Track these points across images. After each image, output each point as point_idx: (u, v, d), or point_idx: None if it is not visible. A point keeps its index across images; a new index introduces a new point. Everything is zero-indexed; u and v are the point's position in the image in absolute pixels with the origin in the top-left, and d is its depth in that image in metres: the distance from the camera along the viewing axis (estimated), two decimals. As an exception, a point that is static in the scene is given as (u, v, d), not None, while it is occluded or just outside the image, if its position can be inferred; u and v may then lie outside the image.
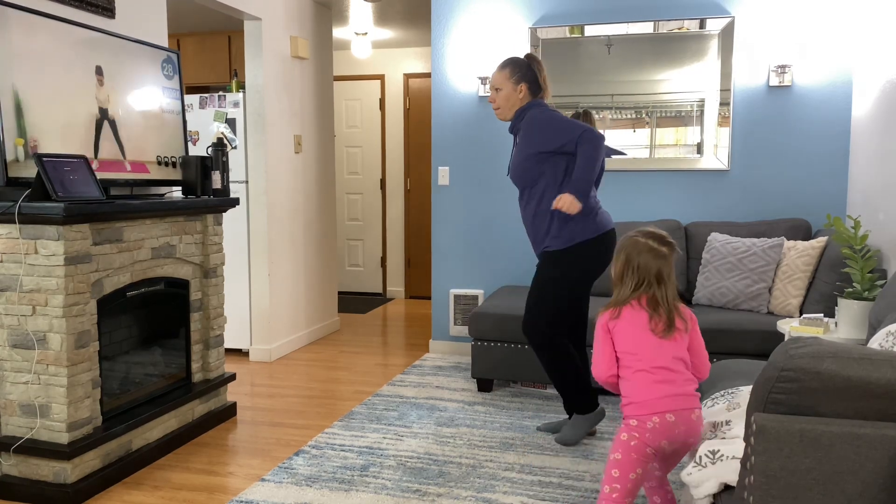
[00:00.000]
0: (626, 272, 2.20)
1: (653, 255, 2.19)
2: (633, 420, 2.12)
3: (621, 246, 2.24)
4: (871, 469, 1.33)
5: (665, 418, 2.09)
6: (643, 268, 2.18)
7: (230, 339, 4.87)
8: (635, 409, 2.13)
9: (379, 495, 2.79)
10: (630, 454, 2.11)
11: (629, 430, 2.13)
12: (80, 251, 2.74)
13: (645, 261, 2.18)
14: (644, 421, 2.10)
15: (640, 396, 2.13)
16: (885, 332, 2.10)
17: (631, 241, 2.23)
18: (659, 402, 2.10)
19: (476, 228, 4.91)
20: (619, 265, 2.22)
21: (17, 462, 2.76)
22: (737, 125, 4.44)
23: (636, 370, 2.15)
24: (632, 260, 2.20)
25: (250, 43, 4.73)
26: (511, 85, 3.17)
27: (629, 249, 2.21)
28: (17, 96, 2.69)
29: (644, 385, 2.13)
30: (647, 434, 2.10)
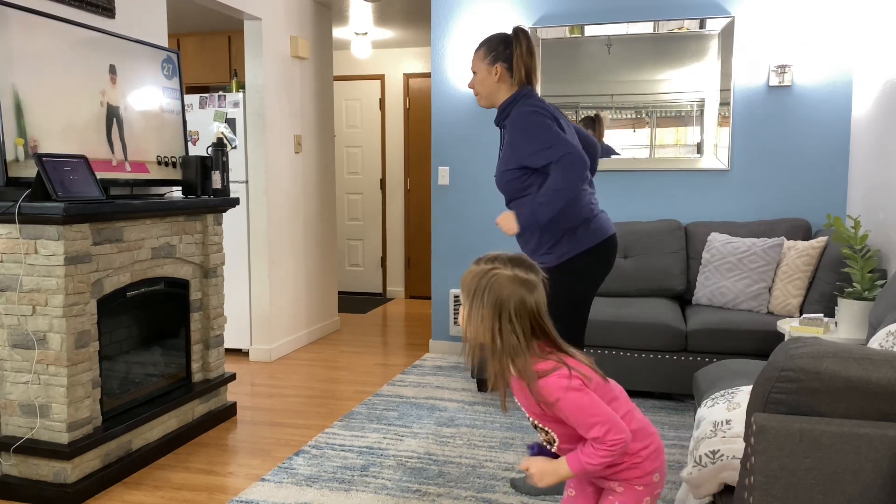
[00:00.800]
0: (498, 321, 1.58)
1: (526, 288, 1.60)
2: (655, 475, 1.64)
3: (481, 286, 1.60)
4: (871, 469, 1.33)
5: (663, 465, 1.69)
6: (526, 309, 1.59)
7: (230, 338, 4.87)
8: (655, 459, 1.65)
9: (379, 495, 2.79)
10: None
11: (652, 488, 1.65)
12: (80, 251, 2.73)
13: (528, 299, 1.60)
14: (651, 475, 1.64)
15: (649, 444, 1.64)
16: (886, 332, 2.10)
17: (487, 276, 1.60)
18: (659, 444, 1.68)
19: (476, 228, 4.91)
20: (491, 316, 1.59)
21: (17, 462, 2.76)
22: (737, 125, 4.44)
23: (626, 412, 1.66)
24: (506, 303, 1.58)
25: (250, 43, 4.73)
26: (485, 66, 2.77)
27: (497, 291, 1.58)
28: (17, 96, 2.69)
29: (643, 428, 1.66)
30: (657, 489, 1.67)
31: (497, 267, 1.61)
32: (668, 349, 3.77)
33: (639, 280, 4.30)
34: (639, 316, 3.85)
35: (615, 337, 3.82)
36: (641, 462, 1.62)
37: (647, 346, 3.80)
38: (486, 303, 1.58)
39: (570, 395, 1.55)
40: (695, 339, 3.74)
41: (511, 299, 1.57)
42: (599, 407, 1.55)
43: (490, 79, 2.78)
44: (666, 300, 4.23)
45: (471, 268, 1.66)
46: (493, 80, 2.78)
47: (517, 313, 1.58)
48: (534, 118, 2.65)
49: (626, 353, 3.85)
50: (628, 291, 4.32)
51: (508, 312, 1.57)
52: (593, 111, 4.63)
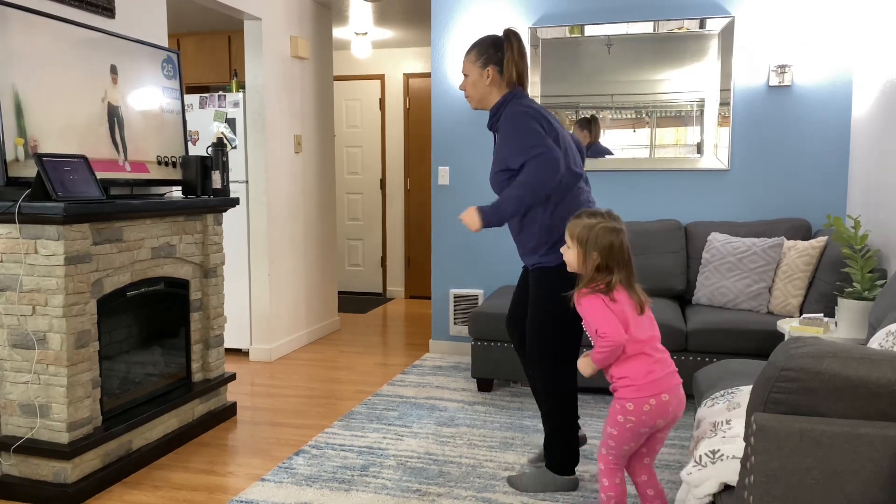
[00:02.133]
0: (607, 257, 2.23)
1: (616, 234, 2.25)
2: (629, 403, 2.17)
3: (588, 234, 2.25)
4: (871, 469, 1.33)
5: (661, 399, 2.16)
6: (617, 249, 2.23)
7: (230, 338, 4.87)
8: (633, 392, 2.17)
9: (379, 495, 2.79)
10: (625, 433, 2.20)
11: (625, 412, 2.18)
12: (80, 251, 2.74)
13: (617, 242, 2.24)
14: (640, 404, 2.16)
15: (639, 379, 2.17)
16: (885, 332, 2.10)
17: (593, 227, 2.26)
18: (655, 384, 2.16)
19: (476, 228, 4.90)
20: (597, 252, 2.23)
21: (17, 462, 2.76)
22: (737, 125, 4.44)
23: (635, 353, 2.19)
24: (608, 245, 2.23)
25: (250, 43, 4.73)
26: (477, 69, 2.78)
27: (599, 236, 2.24)
28: (17, 96, 2.69)
29: (643, 367, 2.18)
30: (644, 416, 2.17)
31: (601, 220, 2.27)
32: (669, 349, 3.74)
33: (639, 280, 4.29)
34: (639, 316, 3.84)
35: (615, 337, 3.82)
36: (618, 388, 2.22)
37: (647, 346, 3.79)
38: (599, 246, 2.23)
39: (590, 303, 2.23)
40: (695, 339, 3.74)
41: (616, 245, 2.24)
42: (604, 315, 2.19)
43: (481, 82, 2.79)
44: (666, 300, 4.23)
45: (577, 221, 2.31)
46: (484, 83, 2.79)
47: (619, 251, 2.24)
48: (521, 120, 2.67)
49: (626, 352, 3.84)
50: (628, 291, 4.31)
51: (612, 251, 2.23)
52: (593, 111, 4.63)
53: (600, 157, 4.65)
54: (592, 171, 4.66)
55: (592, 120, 4.66)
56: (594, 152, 4.67)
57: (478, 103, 2.86)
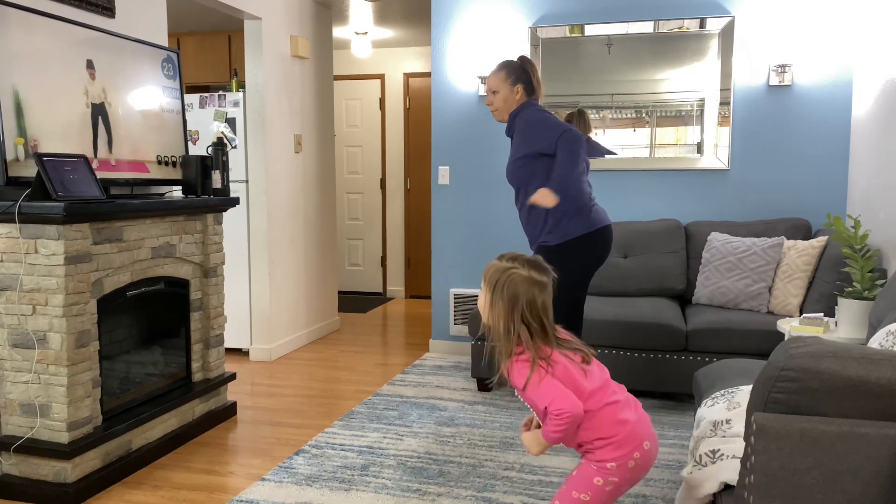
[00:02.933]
0: (513, 315, 1.86)
1: (535, 288, 1.88)
2: (610, 464, 1.84)
3: (499, 279, 1.89)
4: (872, 468, 1.33)
5: (643, 449, 1.86)
6: (530, 304, 1.87)
7: (230, 338, 4.87)
8: (613, 450, 1.84)
9: (379, 495, 2.79)
10: (601, 497, 1.87)
11: (605, 474, 1.85)
12: (81, 251, 2.74)
13: (531, 296, 1.87)
14: (625, 461, 1.84)
15: (616, 434, 1.85)
16: (886, 332, 2.10)
17: (507, 271, 1.89)
18: (634, 434, 1.86)
19: (476, 228, 4.91)
20: (505, 309, 1.87)
21: (18, 461, 2.76)
22: (737, 125, 4.44)
23: (598, 407, 1.85)
24: (520, 299, 1.86)
25: (250, 42, 4.73)
26: (508, 87, 3.23)
27: (512, 287, 1.87)
28: (17, 96, 2.69)
29: (614, 418, 1.85)
30: (629, 474, 1.86)
31: (516, 267, 1.90)
32: (669, 349, 3.77)
33: (639, 280, 4.30)
34: (639, 315, 3.85)
35: (615, 336, 3.82)
36: (595, 449, 1.87)
37: (647, 346, 3.80)
38: (505, 296, 1.87)
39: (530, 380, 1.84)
40: (695, 339, 3.74)
41: (524, 296, 1.86)
42: (550, 387, 1.82)
43: (512, 97, 3.23)
44: (666, 300, 4.22)
45: (493, 262, 1.95)
46: (514, 99, 3.23)
47: (529, 308, 1.86)
48: (537, 113, 3.19)
49: (627, 352, 3.85)
50: (628, 291, 4.32)
51: (521, 307, 1.86)
52: (582, 107, 4.62)
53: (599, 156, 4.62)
54: (591, 171, 4.65)
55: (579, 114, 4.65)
56: (588, 151, 4.64)
57: (503, 115, 3.27)
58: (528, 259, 1.94)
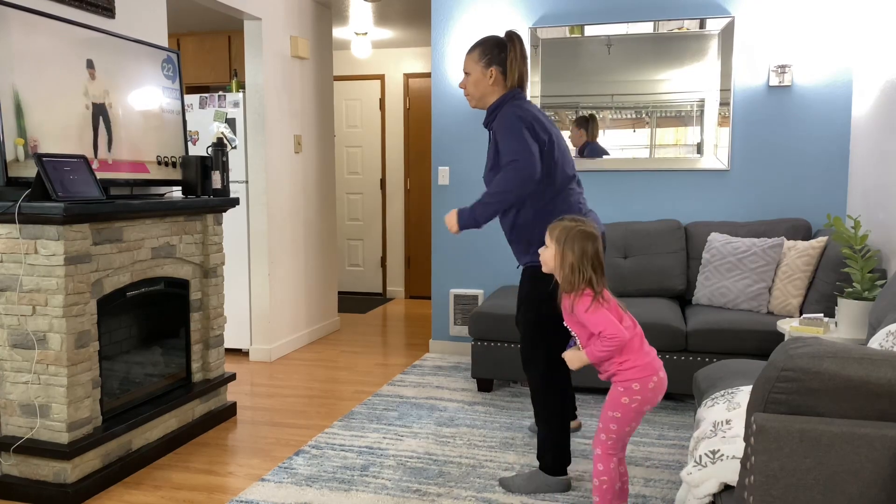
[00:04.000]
0: (581, 258, 2.32)
1: (592, 239, 2.35)
2: (635, 384, 2.29)
3: (566, 236, 2.34)
4: (872, 469, 1.33)
5: (660, 375, 2.32)
6: (591, 253, 2.33)
7: (230, 338, 4.87)
8: (637, 371, 2.28)
9: (379, 495, 2.79)
10: (629, 413, 2.31)
11: (631, 393, 2.29)
12: (80, 251, 2.74)
13: (592, 247, 2.34)
14: (646, 382, 2.29)
15: (641, 359, 2.30)
16: (885, 332, 2.10)
17: (571, 230, 2.35)
18: (653, 363, 2.31)
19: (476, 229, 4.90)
20: (572, 253, 2.32)
21: (18, 462, 2.76)
22: (737, 125, 4.44)
23: (632, 336, 2.31)
24: (583, 248, 2.33)
25: (250, 43, 4.73)
26: (480, 69, 2.81)
27: (576, 238, 2.33)
28: (17, 96, 2.69)
29: (641, 348, 2.32)
30: (649, 394, 2.30)
31: (579, 224, 2.36)
32: (668, 349, 3.77)
33: (639, 280, 4.30)
34: (639, 316, 3.84)
35: (615, 337, 3.82)
36: (624, 370, 2.31)
37: (647, 346, 3.79)
38: (575, 248, 2.32)
39: (591, 309, 2.30)
40: (695, 339, 3.74)
41: (589, 247, 2.33)
42: (607, 318, 2.28)
43: (484, 81, 2.82)
44: (666, 300, 4.22)
45: (557, 223, 2.41)
46: (487, 83, 2.82)
47: (589, 256, 2.33)
48: (513, 123, 2.70)
49: (626, 353, 3.84)
50: (628, 291, 4.31)
51: (588, 255, 2.32)
52: (592, 111, 4.63)
53: (597, 157, 4.65)
54: (591, 171, 4.66)
55: (591, 119, 4.66)
56: (591, 152, 4.66)
57: (477, 102, 2.89)
58: (584, 219, 2.41)
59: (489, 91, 2.83)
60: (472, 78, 2.84)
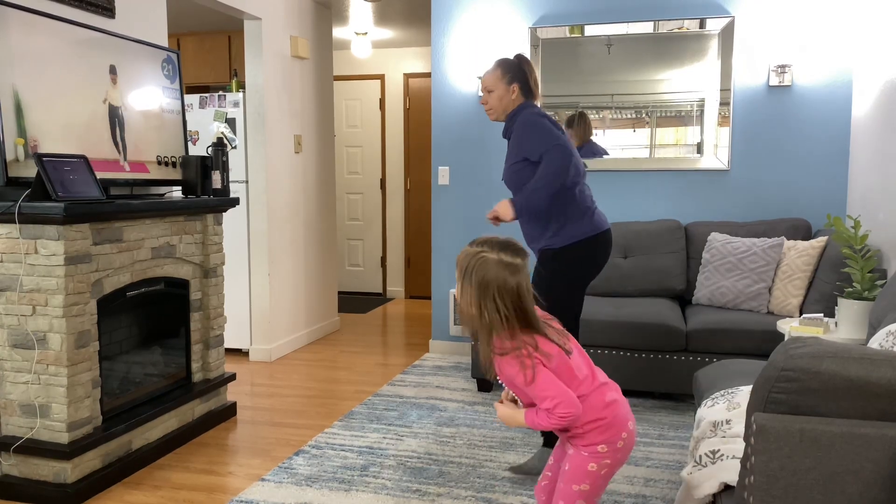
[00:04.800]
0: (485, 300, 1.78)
1: (507, 271, 1.79)
2: (601, 446, 1.84)
3: (468, 263, 1.82)
4: (872, 469, 1.33)
5: (629, 428, 1.88)
6: (502, 287, 1.78)
7: (230, 338, 4.87)
8: (603, 431, 1.84)
9: (379, 495, 2.79)
10: (598, 482, 1.87)
11: (598, 458, 1.85)
12: (80, 251, 2.74)
13: (502, 279, 1.79)
14: (614, 442, 1.85)
15: (607, 415, 1.85)
16: (886, 332, 2.10)
17: (475, 256, 1.81)
18: (619, 411, 1.87)
19: (476, 228, 4.91)
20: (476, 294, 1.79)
21: (18, 462, 2.76)
22: (737, 125, 4.44)
23: (593, 389, 1.86)
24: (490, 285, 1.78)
25: (250, 43, 4.73)
26: (503, 86, 3.10)
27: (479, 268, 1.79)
28: (17, 96, 2.69)
29: (602, 400, 1.86)
30: (619, 454, 1.87)
31: (485, 250, 1.82)
32: (669, 349, 3.77)
33: (639, 280, 4.30)
34: (639, 316, 3.85)
35: (615, 337, 3.82)
36: (586, 433, 1.84)
37: (647, 346, 3.80)
38: (474, 282, 1.79)
39: (526, 375, 1.76)
40: (695, 339, 3.74)
41: (495, 281, 1.78)
42: (552, 385, 1.77)
43: (507, 96, 3.10)
44: (666, 300, 4.22)
45: (465, 248, 1.87)
46: (510, 98, 3.10)
47: (499, 293, 1.78)
48: (536, 120, 3.01)
49: (627, 352, 3.85)
50: (628, 291, 4.31)
51: (492, 292, 1.78)
52: (582, 109, 4.62)
53: (597, 156, 4.63)
54: (591, 171, 4.66)
55: (579, 117, 4.62)
56: (587, 152, 4.63)
57: (499, 115, 3.15)
58: (500, 241, 1.84)
59: (511, 104, 3.11)
60: (497, 94, 3.11)
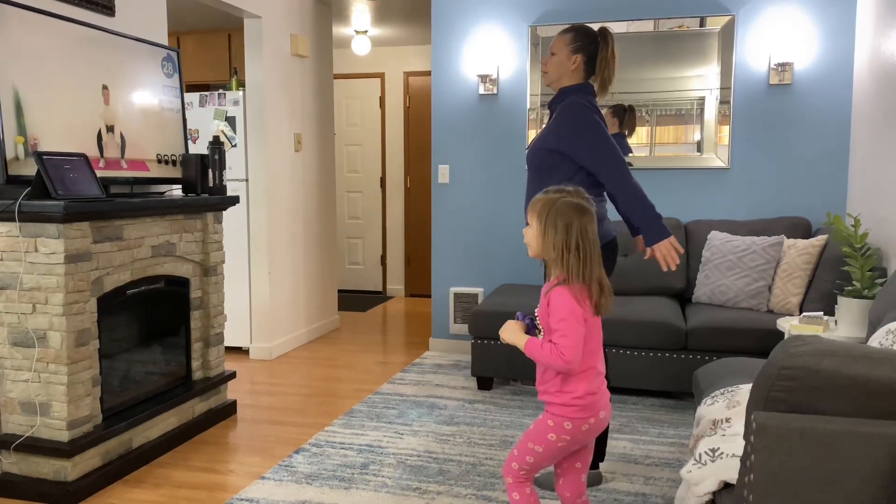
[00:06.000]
0: (566, 236, 1.90)
1: (580, 213, 1.92)
2: (567, 423, 1.95)
3: (549, 210, 1.93)
4: (871, 467, 1.33)
5: (599, 416, 1.97)
6: (579, 230, 1.90)
7: (230, 337, 4.87)
8: (577, 410, 1.94)
9: (379, 493, 2.79)
10: (552, 450, 1.99)
11: (560, 431, 1.95)
12: (81, 249, 2.74)
13: (580, 223, 1.91)
14: (580, 423, 1.95)
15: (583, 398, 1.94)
16: (885, 331, 2.11)
17: (555, 202, 1.93)
18: (596, 403, 1.96)
19: (476, 226, 4.91)
20: (555, 231, 1.91)
21: (18, 460, 2.77)
22: (737, 123, 4.44)
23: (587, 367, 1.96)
24: (568, 223, 1.90)
25: (250, 41, 4.73)
26: (566, 52, 2.82)
27: (560, 212, 1.91)
28: (17, 94, 2.69)
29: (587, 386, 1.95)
30: (581, 435, 1.98)
31: (564, 196, 1.95)
32: (668, 347, 3.77)
33: (639, 278, 4.30)
34: (639, 314, 3.85)
35: (615, 335, 3.82)
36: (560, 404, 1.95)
37: (647, 345, 3.80)
38: (559, 225, 1.91)
39: (564, 307, 1.90)
40: (695, 338, 3.74)
41: (577, 223, 1.91)
42: (576, 328, 1.89)
43: (566, 65, 2.83)
44: (666, 298, 4.23)
45: (540, 196, 1.99)
46: (568, 67, 2.83)
47: (581, 234, 1.91)
48: (586, 114, 2.77)
49: (626, 351, 3.85)
50: (628, 290, 4.31)
51: (575, 233, 1.90)
52: (630, 103, 4.55)
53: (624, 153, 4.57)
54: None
55: (629, 110, 4.58)
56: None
57: (553, 82, 2.89)
58: (573, 189, 1.99)
59: (567, 75, 2.84)
60: (557, 59, 2.84)
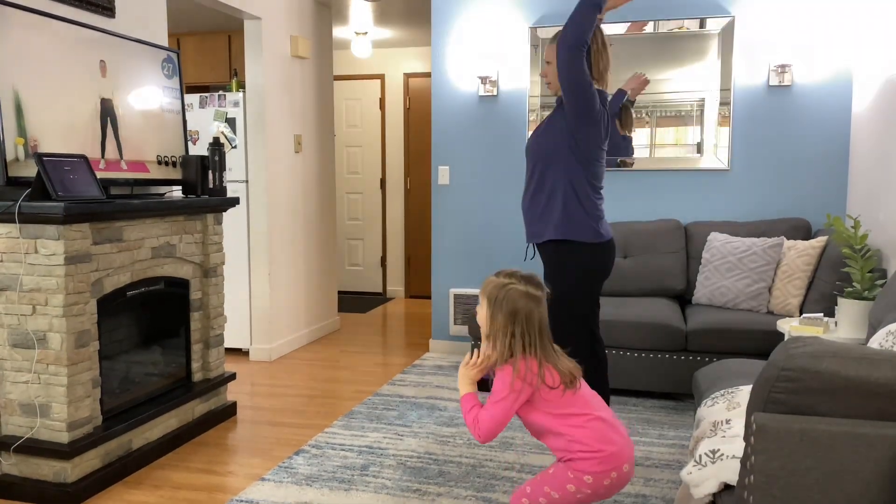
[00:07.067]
0: (514, 323, 1.94)
1: (530, 301, 1.95)
2: (587, 476, 1.91)
3: (498, 294, 1.97)
4: (871, 468, 1.33)
5: (622, 471, 1.93)
6: (525, 316, 1.94)
7: (230, 338, 4.86)
8: (594, 464, 1.91)
9: (379, 495, 2.79)
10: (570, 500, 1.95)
11: (580, 485, 1.92)
12: (80, 251, 2.74)
13: (527, 309, 1.94)
14: (601, 479, 1.92)
15: (600, 449, 1.92)
16: (885, 332, 2.11)
17: (505, 287, 1.98)
18: (618, 454, 1.92)
19: (476, 228, 4.91)
20: (503, 317, 1.95)
21: (18, 461, 2.76)
22: (737, 125, 4.44)
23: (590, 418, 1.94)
24: (521, 313, 1.94)
25: (250, 42, 4.73)
26: None
27: (509, 299, 1.95)
28: (17, 96, 2.69)
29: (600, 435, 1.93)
30: (602, 490, 1.93)
31: (513, 282, 1.98)
32: (668, 349, 3.77)
33: (639, 280, 4.30)
34: (639, 315, 3.85)
35: (615, 336, 3.82)
36: (577, 460, 1.93)
37: (647, 346, 3.80)
38: (504, 310, 1.95)
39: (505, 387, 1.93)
40: (695, 339, 3.74)
41: (523, 310, 1.94)
42: (505, 412, 1.93)
43: None
44: (666, 300, 4.23)
45: (491, 278, 2.05)
46: None
47: (527, 321, 1.94)
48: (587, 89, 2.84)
49: (627, 352, 3.85)
50: (628, 291, 4.32)
51: (521, 320, 1.94)
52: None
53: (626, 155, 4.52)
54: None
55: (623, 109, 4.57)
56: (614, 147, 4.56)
57: (556, 89, 2.94)
58: (524, 275, 2.02)
59: None
60: (553, 66, 2.91)
